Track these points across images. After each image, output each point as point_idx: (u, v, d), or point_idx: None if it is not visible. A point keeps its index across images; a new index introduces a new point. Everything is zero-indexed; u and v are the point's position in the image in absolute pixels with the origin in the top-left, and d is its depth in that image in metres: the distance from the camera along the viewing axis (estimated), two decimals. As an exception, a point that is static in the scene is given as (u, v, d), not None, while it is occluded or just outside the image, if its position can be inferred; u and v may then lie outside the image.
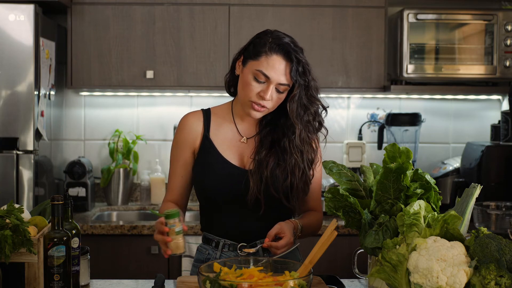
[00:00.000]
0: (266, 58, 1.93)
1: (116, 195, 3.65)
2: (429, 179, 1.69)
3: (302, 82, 1.95)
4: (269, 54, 1.93)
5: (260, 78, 1.93)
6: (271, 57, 1.92)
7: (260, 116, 2.00)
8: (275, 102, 1.97)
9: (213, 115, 2.10)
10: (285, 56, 1.93)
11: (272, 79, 1.92)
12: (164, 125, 3.78)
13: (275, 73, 1.92)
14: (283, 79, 1.93)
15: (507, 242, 1.48)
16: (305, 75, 1.95)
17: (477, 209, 2.86)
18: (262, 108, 1.96)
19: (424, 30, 3.49)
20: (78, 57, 3.42)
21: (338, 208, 1.69)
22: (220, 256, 2.05)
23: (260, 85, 1.94)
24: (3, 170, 3.07)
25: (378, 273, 1.53)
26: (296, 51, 1.94)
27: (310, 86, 1.97)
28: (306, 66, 1.95)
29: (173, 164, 2.10)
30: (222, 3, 3.43)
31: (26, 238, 1.66)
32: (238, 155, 2.05)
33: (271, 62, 1.92)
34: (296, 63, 1.93)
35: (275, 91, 1.94)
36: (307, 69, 1.96)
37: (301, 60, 1.94)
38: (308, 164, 2.02)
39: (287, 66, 1.93)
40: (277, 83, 1.93)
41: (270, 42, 1.94)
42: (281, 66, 1.92)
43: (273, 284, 1.53)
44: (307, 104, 1.98)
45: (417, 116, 3.68)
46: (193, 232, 3.14)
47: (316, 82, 2.01)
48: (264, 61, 1.93)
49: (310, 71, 1.97)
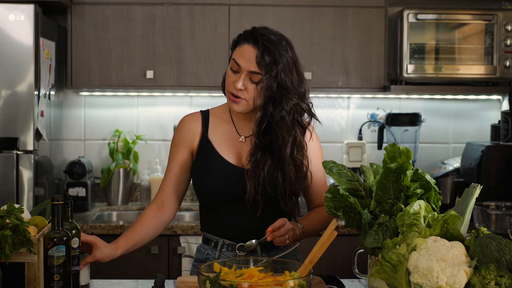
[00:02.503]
0: (239, 47, 1.96)
1: (116, 195, 3.65)
2: (429, 179, 1.69)
3: (272, 72, 1.91)
4: (242, 43, 1.96)
5: (234, 67, 1.95)
6: (243, 46, 1.95)
7: (241, 110, 1.98)
8: (250, 93, 1.94)
9: (212, 115, 2.11)
10: (254, 44, 1.93)
11: (242, 67, 1.93)
12: (164, 125, 3.78)
13: (245, 60, 1.93)
14: (252, 66, 1.92)
15: (507, 242, 1.48)
16: (275, 64, 1.91)
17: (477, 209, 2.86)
18: (238, 99, 1.95)
19: (424, 30, 3.49)
20: (78, 57, 3.42)
21: (338, 208, 1.68)
22: (219, 256, 2.05)
23: (235, 75, 1.95)
24: (3, 170, 3.07)
25: (378, 273, 1.53)
26: (266, 40, 1.92)
27: (280, 77, 1.92)
28: (277, 56, 1.92)
29: (169, 162, 2.10)
30: (222, 3, 3.44)
31: (26, 238, 1.66)
32: (236, 154, 2.05)
33: (242, 50, 1.95)
34: (263, 50, 1.91)
35: (249, 81, 1.94)
36: (278, 59, 1.92)
37: (270, 48, 1.92)
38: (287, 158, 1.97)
39: (254, 53, 1.92)
40: (247, 71, 1.93)
41: (245, 33, 1.97)
42: (251, 54, 1.93)
43: (273, 284, 1.53)
44: (277, 97, 1.93)
45: (417, 116, 3.68)
46: (193, 232, 3.14)
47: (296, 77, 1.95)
48: (237, 51, 1.96)
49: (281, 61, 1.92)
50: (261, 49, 1.92)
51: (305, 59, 3.47)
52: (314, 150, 2.10)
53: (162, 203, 2.07)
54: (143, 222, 2.02)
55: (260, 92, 1.93)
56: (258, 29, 1.97)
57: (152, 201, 2.09)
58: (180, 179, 2.08)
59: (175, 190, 2.08)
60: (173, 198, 2.08)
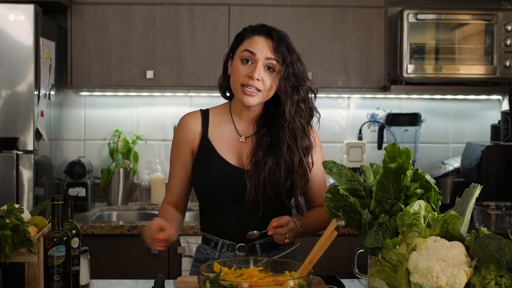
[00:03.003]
0: (249, 39, 1.97)
1: (116, 195, 3.65)
2: (429, 179, 1.69)
3: (288, 60, 1.94)
4: (251, 36, 1.97)
5: (247, 56, 1.94)
6: (253, 38, 1.96)
7: (255, 103, 1.97)
8: (267, 83, 1.94)
9: (212, 115, 2.10)
10: (267, 35, 1.96)
11: (258, 55, 1.93)
12: (164, 125, 3.78)
13: (260, 49, 1.94)
14: (269, 53, 1.94)
15: (507, 242, 1.48)
16: (290, 53, 1.95)
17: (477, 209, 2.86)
18: (254, 91, 1.94)
19: (424, 30, 3.49)
20: (78, 57, 3.42)
21: (338, 208, 1.68)
22: (219, 256, 2.05)
23: (248, 67, 1.94)
24: (3, 170, 3.07)
25: (378, 273, 1.53)
26: (279, 32, 1.97)
27: (297, 66, 1.97)
28: (290, 46, 1.97)
29: (172, 164, 2.10)
30: (222, 3, 3.44)
31: (26, 238, 1.66)
32: (236, 155, 2.05)
33: (254, 41, 1.96)
34: (278, 40, 1.95)
35: (263, 70, 1.94)
36: (291, 49, 1.96)
37: (283, 38, 1.96)
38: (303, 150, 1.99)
39: (270, 43, 1.94)
40: (264, 59, 1.93)
41: (251, 29, 1.99)
42: (264, 43, 1.95)
43: (273, 284, 1.53)
44: (295, 84, 1.96)
45: (417, 116, 3.68)
46: (193, 232, 3.14)
47: (303, 65, 2.01)
48: (247, 42, 1.96)
49: (295, 51, 1.97)
50: (276, 40, 1.94)
51: (305, 59, 3.43)
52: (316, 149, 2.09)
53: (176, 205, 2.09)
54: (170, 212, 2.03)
55: (280, 81, 1.94)
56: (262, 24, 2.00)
57: (163, 202, 2.10)
58: (185, 181, 2.09)
59: (184, 193, 2.10)
60: (183, 201, 2.12)
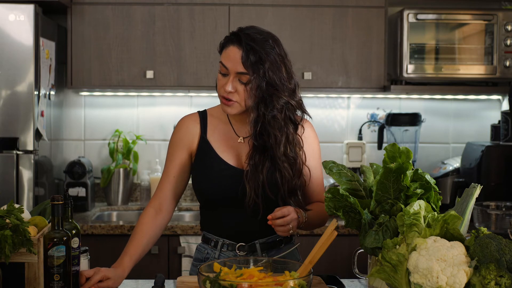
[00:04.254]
0: (225, 50, 1.95)
1: (116, 195, 3.65)
2: (429, 179, 1.69)
3: (259, 71, 1.90)
4: (227, 45, 1.95)
5: (222, 70, 1.95)
6: (228, 48, 1.94)
7: (234, 112, 1.97)
8: (241, 95, 1.93)
9: (210, 116, 2.10)
10: (238, 45, 1.92)
11: (230, 69, 1.92)
12: (164, 125, 3.78)
13: (231, 62, 1.92)
14: (239, 67, 1.91)
15: (507, 242, 1.48)
16: (261, 63, 1.90)
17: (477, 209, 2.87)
18: (230, 102, 1.95)
19: (424, 30, 3.49)
20: (78, 57, 3.42)
21: (338, 208, 1.68)
22: (219, 255, 2.05)
23: (224, 78, 1.95)
24: (3, 170, 3.07)
25: (378, 273, 1.53)
26: (250, 39, 1.91)
27: (269, 75, 1.90)
28: (262, 54, 1.90)
29: (167, 164, 2.08)
30: (222, 3, 3.44)
31: (26, 238, 1.66)
32: (235, 156, 2.05)
33: (228, 52, 1.94)
34: (247, 50, 1.90)
35: (238, 82, 1.93)
36: (264, 58, 1.90)
37: (254, 48, 1.90)
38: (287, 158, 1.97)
39: (239, 54, 1.91)
40: (235, 73, 1.92)
41: (230, 34, 1.97)
42: (236, 55, 1.92)
43: (273, 284, 1.53)
44: (267, 96, 1.92)
45: (417, 116, 3.68)
46: (193, 232, 3.14)
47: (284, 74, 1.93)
48: (224, 53, 1.96)
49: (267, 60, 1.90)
50: (245, 49, 1.90)
51: (305, 59, 3.48)
52: (311, 146, 2.08)
53: (160, 206, 2.05)
54: (143, 232, 2.00)
55: (250, 92, 1.92)
56: (243, 29, 1.96)
57: (149, 204, 2.06)
58: (178, 181, 2.07)
59: (173, 192, 2.07)
60: (170, 201, 2.07)
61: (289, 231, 1.90)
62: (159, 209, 2.04)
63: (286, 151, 1.97)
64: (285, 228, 1.88)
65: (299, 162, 2.01)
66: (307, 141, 2.06)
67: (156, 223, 2.02)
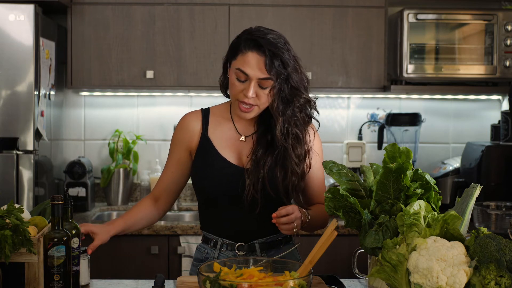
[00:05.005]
0: (242, 56, 1.93)
1: (116, 195, 3.65)
2: (429, 179, 1.69)
3: (282, 76, 1.92)
4: (244, 51, 1.93)
5: (241, 77, 1.93)
6: (246, 54, 1.92)
7: (252, 116, 1.98)
8: (262, 99, 1.94)
9: (212, 114, 2.11)
10: (259, 51, 1.91)
11: (251, 76, 1.91)
12: (164, 125, 3.78)
13: (252, 69, 1.91)
14: (261, 73, 1.91)
15: (507, 242, 1.48)
16: (284, 67, 1.92)
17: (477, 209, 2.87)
18: (249, 107, 1.95)
19: (424, 30, 3.49)
20: (78, 57, 3.42)
21: (338, 208, 1.68)
22: (218, 255, 2.05)
23: (243, 84, 1.93)
24: (3, 170, 3.07)
25: (378, 273, 1.53)
26: (271, 45, 1.91)
27: (292, 78, 1.93)
28: (284, 58, 1.92)
29: (167, 159, 2.13)
30: (222, 3, 3.44)
31: (26, 238, 1.66)
32: (236, 154, 2.05)
33: (247, 59, 1.92)
34: (270, 57, 1.90)
35: (258, 87, 1.93)
36: (286, 61, 1.92)
37: (276, 53, 1.91)
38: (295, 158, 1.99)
39: (262, 60, 1.91)
40: (257, 79, 1.91)
41: (244, 39, 1.94)
42: (257, 61, 1.91)
43: (273, 284, 1.53)
44: (289, 97, 1.95)
45: (417, 116, 3.68)
46: (193, 232, 3.14)
47: (301, 74, 1.97)
48: (240, 59, 1.93)
49: (289, 63, 1.93)
50: (269, 56, 1.90)
51: (305, 59, 3.46)
52: (314, 147, 2.09)
53: (157, 197, 2.13)
54: (139, 209, 2.11)
55: (274, 96, 1.94)
56: (256, 33, 1.94)
57: (149, 194, 2.16)
58: (176, 177, 2.10)
59: (170, 187, 2.12)
60: (168, 194, 2.12)
61: (293, 230, 1.90)
62: (156, 200, 2.13)
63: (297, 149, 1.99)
64: (289, 226, 1.88)
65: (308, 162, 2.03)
66: (314, 144, 2.08)
67: (152, 208, 2.13)
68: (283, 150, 1.98)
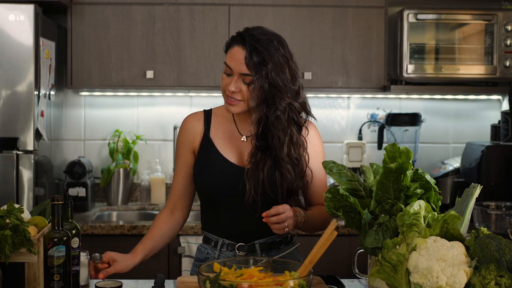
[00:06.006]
0: (230, 50, 1.97)
1: (116, 195, 3.65)
2: (429, 179, 1.69)
3: (262, 72, 1.91)
4: (232, 45, 1.96)
5: (227, 71, 1.96)
6: (233, 48, 1.95)
7: (238, 111, 1.98)
8: (245, 94, 1.94)
9: (214, 115, 2.11)
10: (241, 45, 1.93)
11: (234, 70, 1.94)
12: (164, 125, 3.78)
13: (235, 63, 1.93)
14: (243, 68, 1.92)
15: (507, 242, 1.48)
16: (264, 64, 1.90)
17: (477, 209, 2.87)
18: (234, 101, 1.96)
19: (424, 30, 3.49)
20: (78, 57, 3.42)
21: (338, 208, 1.69)
22: (219, 255, 2.05)
23: (229, 78, 1.96)
24: (3, 170, 3.07)
25: (378, 273, 1.53)
26: (253, 40, 1.91)
27: (271, 77, 1.91)
28: (265, 55, 1.90)
29: (176, 165, 2.14)
30: (222, 3, 3.44)
31: (26, 238, 1.66)
32: (237, 154, 2.05)
33: (232, 52, 1.95)
34: (251, 51, 1.91)
35: (242, 82, 1.94)
36: (267, 59, 1.90)
37: (258, 48, 1.90)
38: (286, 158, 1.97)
39: (243, 54, 1.92)
40: (239, 73, 1.93)
41: (237, 34, 1.97)
42: (240, 55, 1.93)
43: (273, 284, 1.53)
44: (269, 97, 1.93)
45: (417, 116, 3.68)
46: (193, 232, 3.14)
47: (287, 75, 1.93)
48: (229, 54, 1.97)
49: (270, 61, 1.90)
50: (249, 50, 1.91)
51: (305, 59, 3.48)
52: (314, 148, 2.08)
53: (174, 206, 2.13)
54: (158, 227, 2.11)
55: (253, 92, 1.93)
56: (249, 30, 1.96)
57: (165, 205, 2.16)
58: (188, 181, 2.11)
59: (185, 192, 2.12)
60: (184, 199, 2.13)
61: (285, 229, 1.89)
62: (173, 209, 2.14)
63: (289, 152, 1.98)
64: (280, 226, 1.88)
65: (302, 164, 2.02)
66: (310, 143, 2.07)
67: (171, 220, 2.12)
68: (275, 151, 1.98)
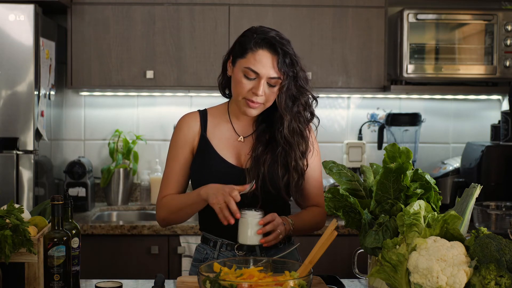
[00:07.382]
0: (253, 54, 1.94)
1: (116, 195, 3.65)
2: (429, 179, 1.69)
3: (291, 74, 1.96)
4: (255, 49, 1.94)
5: (250, 75, 1.94)
6: (257, 52, 1.94)
7: (257, 113, 2.01)
8: (269, 97, 1.97)
9: (210, 115, 2.11)
10: (271, 50, 1.94)
11: (262, 74, 1.93)
12: (164, 125, 3.78)
13: (263, 67, 1.93)
14: (272, 72, 1.93)
15: (507, 242, 1.48)
16: (293, 66, 1.96)
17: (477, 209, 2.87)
18: (257, 104, 1.97)
19: (424, 30, 3.49)
20: (78, 57, 3.42)
21: (338, 208, 1.69)
22: (218, 255, 2.05)
23: (251, 82, 1.95)
24: (3, 170, 3.07)
25: (378, 273, 1.53)
26: (282, 43, 1.95)
27: (299, 76, 1.98)
28: (293, 57, 1.96)
29: (171, 163, 2.10)
30: (222, 3, 3.44)
31: (26, 238, 1.66)
32: (235, 154, 2.06)
33: (258, 57, 1.94)
34: (283, 55, 1.94)
35: (266, 85, 1.95)
36: (294, 60, 1.96)
37: (287, 51, 1.95)
38: (299, 155, 2.02)
39: (274, 59, 1.94)
40: (267, 77, 1.94)
41: (255, 38, 1.95)
42: (268, 60, 1.93)
43: (273, 284, 1.53)
44: (296, 95, 1.99)
45: (417, 116, 3.68)
46: (193, 232, 3.14)
47: (305, 72, 2.02)
48: (251, 58, 1.94)
49: (297, 62, 1.98)
50: (281, 54, 1.93)
51: (305, 59, 3.44)
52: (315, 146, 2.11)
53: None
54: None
55: (283, 94, 1.96)
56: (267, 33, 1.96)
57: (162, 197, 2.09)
58: (184, 178, 2.11)
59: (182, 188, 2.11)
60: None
61: (279, 236, 1.93)
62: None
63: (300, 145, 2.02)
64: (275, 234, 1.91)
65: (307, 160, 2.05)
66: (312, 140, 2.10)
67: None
68: (287, 147, 2.00)
